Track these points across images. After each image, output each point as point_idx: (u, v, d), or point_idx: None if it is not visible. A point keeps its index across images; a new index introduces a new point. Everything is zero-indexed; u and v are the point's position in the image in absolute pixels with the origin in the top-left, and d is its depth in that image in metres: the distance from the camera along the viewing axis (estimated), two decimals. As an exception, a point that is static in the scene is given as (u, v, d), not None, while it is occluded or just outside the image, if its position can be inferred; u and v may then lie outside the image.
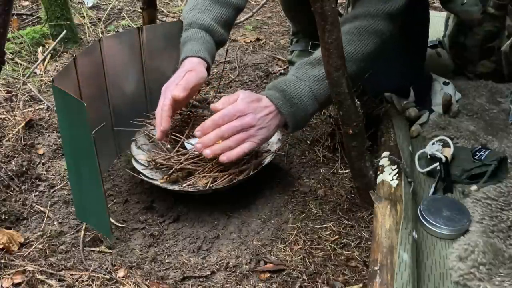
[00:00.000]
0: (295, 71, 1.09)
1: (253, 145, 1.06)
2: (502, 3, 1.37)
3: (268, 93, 1.07)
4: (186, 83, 1.10)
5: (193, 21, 1.18)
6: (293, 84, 1.06)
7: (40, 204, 1.18)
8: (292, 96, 1.05)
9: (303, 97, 1.06)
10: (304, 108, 1.06)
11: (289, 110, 1.05)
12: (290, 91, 1.05)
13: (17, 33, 1.90)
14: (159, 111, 1.11)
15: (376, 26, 1.09)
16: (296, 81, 1.07)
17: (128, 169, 1.24)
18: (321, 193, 1.20)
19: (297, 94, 1.05)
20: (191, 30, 1.18)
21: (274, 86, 1.08)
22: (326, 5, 0.86)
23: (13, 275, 0.98)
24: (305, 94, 1.06)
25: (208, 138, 1.04)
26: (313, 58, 1.09)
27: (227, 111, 1.04)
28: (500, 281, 0.86)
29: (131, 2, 2.35)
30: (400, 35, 1.16)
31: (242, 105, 1.04)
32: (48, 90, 1.63)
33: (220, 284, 0.98)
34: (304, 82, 1.06)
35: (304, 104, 1.06)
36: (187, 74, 1.11)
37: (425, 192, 1.11)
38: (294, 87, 1.06)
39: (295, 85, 1.06)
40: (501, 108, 1.37)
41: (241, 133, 1.04)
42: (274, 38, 2.08)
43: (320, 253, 1.05)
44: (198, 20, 1.18)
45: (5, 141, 1.35)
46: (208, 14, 1.19)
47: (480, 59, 1.50)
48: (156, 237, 1.09)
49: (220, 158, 1.05)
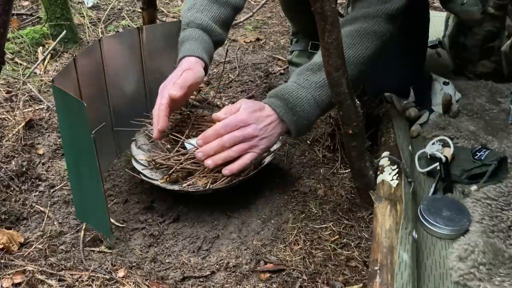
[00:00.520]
0: (296, 77, 1.09)
1: (254, 156, 1.06)
2: (502, 3, 1.37)
3: (270, 101, 1.07)
4: (183, 81, 1.10)
5: (191, 20, 1.18)
6: (295, 92, 1.05)
7: (40, 204, 1.18)
8: (294, 104, 1.05)
9: (305, 104, 1.05)
10: (306, 116, 1.06)
11: (292, 119, 1.05)
12: (292, 99, 1.05)
13: (17, 33, 1.90)
14: (156, 110, 1.11)
15: (376, 28, 1.08)
16: (297, 88, 1.06)
17: (128, 169, 1.24)
18: (321, 193, 1.20)
19: (299, 102, 1.05)
20: (189, 30, 1.18)
21: (276, 94, 1.07)
22: (326, 5, 0.86)
23: (13, 275, 0.98)
24: (307, 101, 1.05)
25: (209, 147, 1.04)
26: (313, 63, 1.09)
27: (229, 121, 1.04)
28: (500, 281, 0.86)
29: (131, 2, 2.35)
30: (400, 35, 1.16)
31: (245, 115, 1.04)
32: (48, 90, 1.63)
33: (220, 284, 0.98)
34: (305, 90, 1.06)
35: (307, 112, 1.05)
36: (184, 73, 1.11)
37: (425, 192, 1.11)
38: (296, 95, 1.05)
39: (297, 93, 1.05)
40: (501, 108, 1.37)
41: (243, 143, 1.04)
42: (274, 38, 2.08)
43: (320, 253, 1.05)
44: (196, 20, 1.18)
45: (5, 141, 1.35)
46: (206, 13, 1.19)
47: (480, 59, 1.50)
48: (156, 237, 1.09)
49: (223, 172, 1.06)
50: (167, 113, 1.11)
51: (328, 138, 1.35)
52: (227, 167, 1.05)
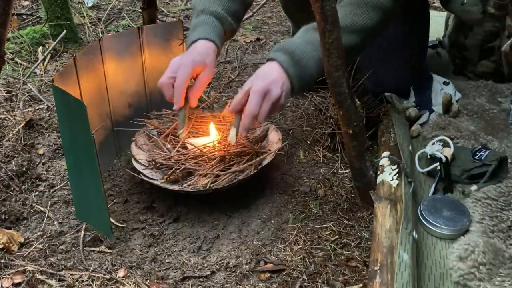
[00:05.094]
0: (303, 33, 1.08)
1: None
2: (502, 3, 1.37)
3: (276, 55, 1.05)
4: (200, 88, 1.12)
5: (205, 7, 1.18)
6: (301, 47, 1.04)
7: (40, 204, 1.18)
8: (300, 58, 1.04)
9: (310, 60, 1.04)
10: (309, 72, 1.05)
11: (296, 73, 1.04)
12: (298, 53, 1.04)
13: (17, 33, 1.90)
14: (178, 86, 1.09)
15: (381, 2, 1.07)
16: (304, 44, 1.05)
17: (128, 169, 1.24)
18: (321, 193, 1.20)
19: (305, 57, 1.04)
20: (203, 16, 1.18)
21: (282, 48, 1.06)
22: (326, 5, 0.86)
23: (13, 275, 0.98)
24: (312, 57, 1.04)
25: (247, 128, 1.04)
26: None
27: (250, 111, 1.02)
28: (500, 281, 0.86)
29: (131, 2, 2.35)
30: (401, 35, 1.16)
31: (261, 86, 1.02)
32: (48, 90, 1.63)
33: (220, 284, 0.98)
34: (311, 46, 1.04)
35: (310, 68, 1.04)
36: (202, 76, 1.11)
37: (425, 192, 1.11)
38: (302, 49, 1.04)
39: (303, 48, 1.04)
40: (501, 108, 1.37)
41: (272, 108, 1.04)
42: (274, 38, 2.08)
43: (320, 253, 1.05)
44: (210, 8, 1.18)
45: (5, 141, 1.35)
46: (218, 4, 1.19)
47: (480, 59, 1.50)
48: (156, 237, 1.09)
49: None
50: (184, 94, 1.10)
51: (328, 138, 1.35)
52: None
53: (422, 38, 1.43)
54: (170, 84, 1.08)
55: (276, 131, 1.27)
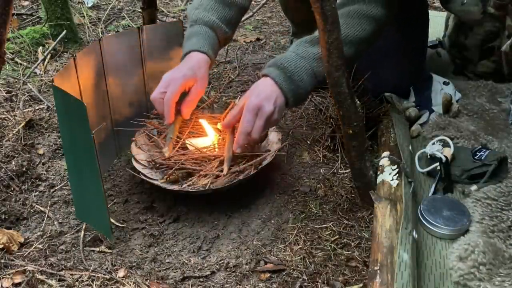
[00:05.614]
0: (295, 48, 1.10)
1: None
2: (502, 3, 1.37)
3: (269, 71, 1.07)
4: (192, 101, 1.15)
5: (198, 18, 1.20)
6: (294, 62, 1.06)
7: (40, 204, 1.18)
8: (292, 73, 1.06)
9: (303, 74, 1.06)
10: (303, 86, 1.07)
11: (290, 87, 1.06)
12: (291, 68, 1.06)
13: (17, 33, 1.90)
14: (166, 101, 1.11)
15: (374, 11, 1.09)
16: (296, 58, 1.07)
17: (128, 169, 1.24)
18: (321, 193, 1.20)
19: (297, 71, 1.06)
20: (196, 26, 1.20)
21: (274, 63, 1.08)
22: (326, 5, 0.86)
23: (13, 275, 0.98)
24: (305, 71, 1.06)
25: (242, 144, 1.09)
26: (313, 37, 1.10)
27: (243, 128, 1.05)
28: (500, 281, 0.86)
29: (131, 2, 2.35)
30: (400, 35, 1.16)
31: (254, 102, 1.05)
32: (48, 90, 1.63)
33: (220, 284, 0.98)
34: (304, 60, 1.07)
35: (304, 82, 1.07)
36: (194, 89, 1.14)
37: (425, 192, 1.11)
38: (295, 64, 1.06)
39: (296, 62, 1.06)
40: (501, 108, 1.37)
41: (265, 124, 1.07)
42: (274, 38, 2.08)
43: (320, 253, 1.05)
44: (203, 18, 1.20)
45: (5, 141, 1.35)
46: (213, 13, 1.21)
47: (480, 59, 1.50)
48: (156, 237, 1.09)
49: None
50: (173, 109, 1.13)
51: (328, 138, 1.35)
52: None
53: (421, 39, 1.43)
54: (161, 99, 1.12)
55: (276, 131, 1.27)
